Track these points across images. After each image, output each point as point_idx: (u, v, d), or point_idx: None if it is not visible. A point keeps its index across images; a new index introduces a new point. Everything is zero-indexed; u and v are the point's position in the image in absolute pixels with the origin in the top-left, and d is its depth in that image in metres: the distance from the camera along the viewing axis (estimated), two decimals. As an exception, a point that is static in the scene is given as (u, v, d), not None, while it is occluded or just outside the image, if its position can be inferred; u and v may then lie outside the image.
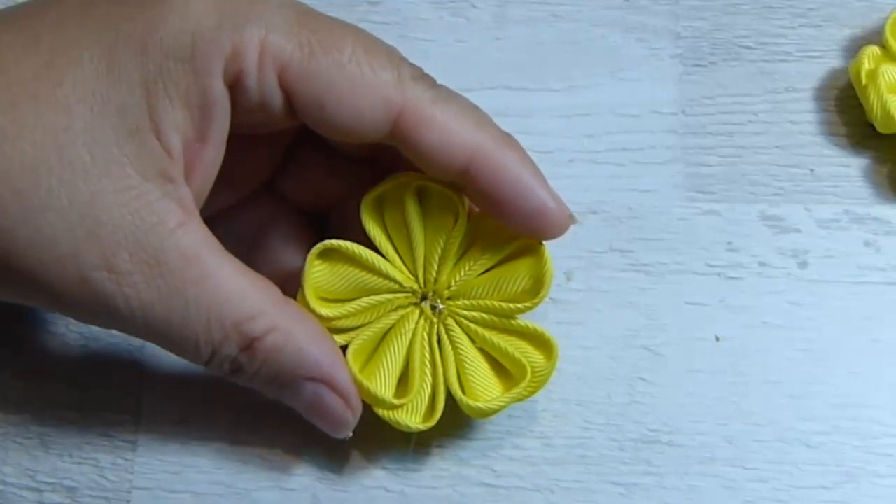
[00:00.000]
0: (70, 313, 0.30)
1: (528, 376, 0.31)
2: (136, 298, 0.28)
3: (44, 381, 0.35)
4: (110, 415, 0.35)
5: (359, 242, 0.31)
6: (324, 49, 0.28)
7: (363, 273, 0.31)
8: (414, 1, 0.39)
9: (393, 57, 0.29)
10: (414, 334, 0.32)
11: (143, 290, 0.28)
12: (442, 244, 0.31)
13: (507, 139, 0.30)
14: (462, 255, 0.32)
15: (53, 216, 0.27)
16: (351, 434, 0.32)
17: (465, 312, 0.32)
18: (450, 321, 0.32)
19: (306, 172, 0.33)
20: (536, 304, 0.31)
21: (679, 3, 0.39)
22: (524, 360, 0.31)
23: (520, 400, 0.32)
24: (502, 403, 0.31)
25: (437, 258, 0.31)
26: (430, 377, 0.32)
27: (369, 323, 0.32)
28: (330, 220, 0.34)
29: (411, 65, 0.30)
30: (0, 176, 0.27)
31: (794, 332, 0.35)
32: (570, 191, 0.32)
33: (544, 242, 0.31)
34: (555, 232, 0.30)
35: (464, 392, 0.32)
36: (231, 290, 0.29)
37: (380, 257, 0.31)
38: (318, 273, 0.31)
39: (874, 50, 0.37)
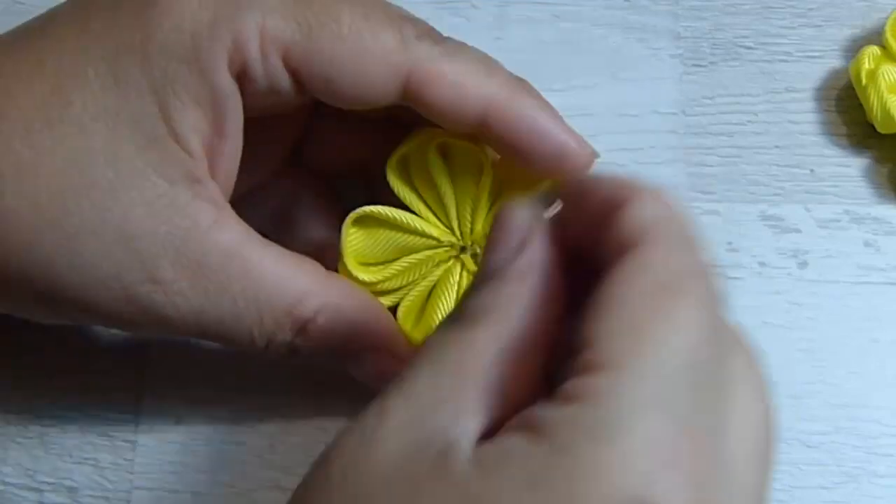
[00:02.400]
0: (120, 328, 0.30)
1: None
2: (185, 304, 0.28)
3: (44, 381, 0.35)
4: (110, 415, 0.35)
5: (391, 204, 0.31)
6: (322, 24, 0.28)
7: (400, 234, 0.31)
8: (414, 1, 0.39)
9: (393, 17, 0.29)
10: (459, 286, 0.32)
11: (190, 295, 0.28)
12: (472, 196, 0.31)
13: (520, 84, 0.30)
14: (493, 202, 0.32)
15: (89, 239, 0.27)
16: None
17: None
18: None
19: (329, 140, 0.33)
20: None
21: (679, 3, 0.39)
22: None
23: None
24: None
25: (469, 210, 0.31)
26: None
27: (414, 281, 0.32)
28: (358, 185, 0.34)
29: (414, 21, 0.30)
30: (29, 207, 0.27)
31: (794, 332, 0.35)
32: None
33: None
34: (581, 168, 0.30)
35: None
36: (276, 277, 0.29)
37: (414, 216, 0.31)
38: (354, 240, 0.31)
39: (874, 50, 0.37)
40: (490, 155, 0.31)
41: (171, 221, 0.28)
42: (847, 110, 0.38)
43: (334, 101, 0.29)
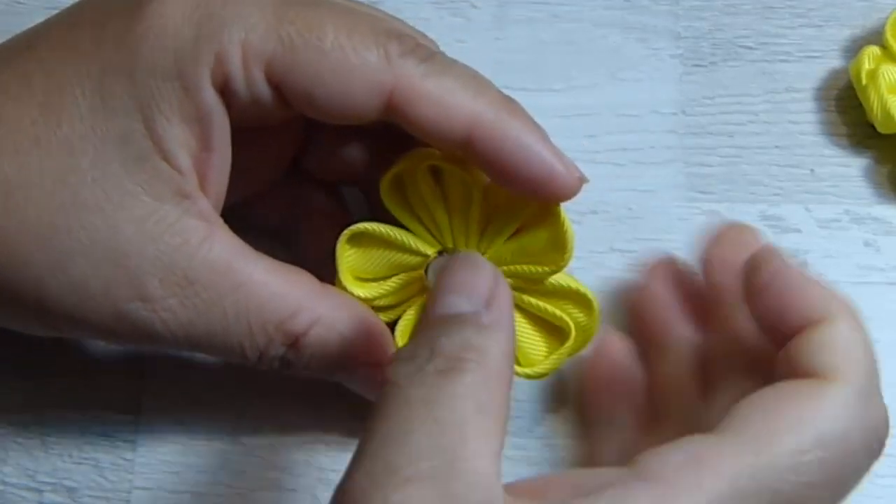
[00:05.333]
0: (112, 342, 0.30)
1: (573, 332, 0.31)
2: (174, 321, 0.28)
3: (44, 381, 0.35)
4: (110, 415, 0.35)
5: (390, 216, 0.31)
6: (304, 40, 0.28)
7: (395, 251, 0.31)
8: (415, 1, 0.39)
9: (379, 33, 0.29)
10: None
11: (179, 312, 0.28)
12: (464, 216, 0.31)
13: (508, 105, 0.29)
14: (486, 224, 0.31)
15: (78, 258, 0.28)
16: None
17: None
18: None
19: (328, 149, 0.33)
20: (562, 266, 0.31)
21: (679, 3, 0.39)
22: (565, 317, 0.31)
23: (570, 355, 0.32)
24: (554, 362, 0.31)
25: (462, 229, 0.31)
26: None
27: (411, 298, 0.32)
28: (362, 192, 0.34)
29: (402, 37, 0.29)
30: (19, 227, 0.28)
31: (794, 332, 0.35)
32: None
33: (560, 211, 0.30)
34: (566, 194, 0.29)
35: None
36: (267, 291, 0.29)
37: (408, 233, 0.31)
38: (350, 256, 0.31)
39: (874, 50, 0.37)
40: (480, 179, 0.31)
41: (160, 239, 0.28)
42: (847, 110, 0.38)
43: (317, 116, 0.29)
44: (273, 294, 0.29)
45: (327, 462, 0.34)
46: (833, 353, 0.27)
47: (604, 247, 0.36)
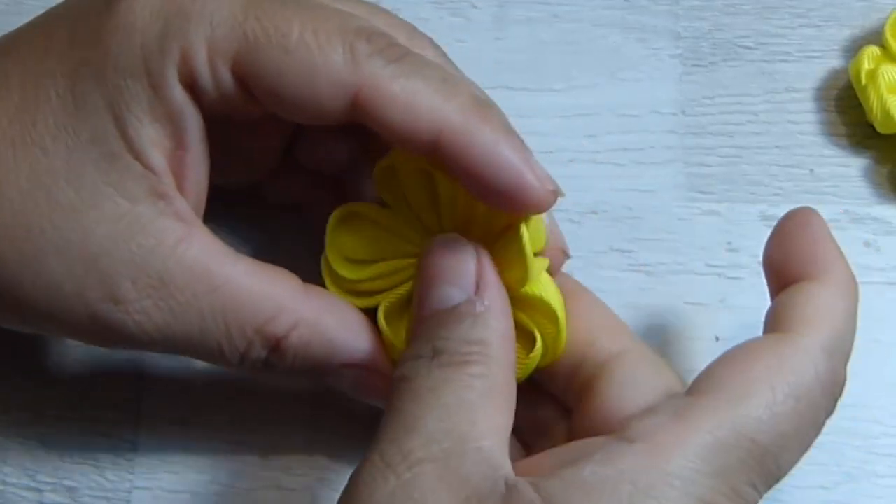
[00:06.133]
0: (91, 343, 0.30)
1: (539, 342, 0.30)
2: (149, 322, 0.28)
3: (44, 381, 0.35)
4: (110, 415, 0.35)
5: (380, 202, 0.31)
6: (269, 37, 0.27)
7: (384, 234, 0.31)
8: (415, 1, 0.39)
9: (347, 32, 0.28)
10: None
11: (154, 314, 0.28)
12: (453, 212, 0.30)
13: (481, 111, 0.28)
14: (475, 219, 0.30)
15: (52, 259, 0.27)
16: None
17: None
18: None
19: (316, 138, 0.33)
20: (523, 283, 0.29)
21: (679, 3, 0.39)
22: (532, 326, 0.30)
23: (541, 366, 0.31)
24: (520, 371, 0.30)
25: (455, 218, 0.30)
26: None
27: (399, 284, 0.31)
28: (347, 183, 0.34)
29: (372, 36, 0.28)
30: None
31: (794, 332, 0.35)
32: (570, 191, 0.32)
33: (522, 234, 0.29)
34: (537, 207, 0.28)
35: None
36: (246, 294, 0.28)
37: (399, 217, 0.31)
38: (340, 237, 0.31)
39: (874, 50, 0.37)
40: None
41: (132, 240, 0.28)
42: (847, 110, 0.38)
43: (285, 114, 0.29)
44: (252, 296, 0.28)
45: (327, 462, 0.34)
46: (809, 310, 0.28)
47: (604, 247, 0.36)
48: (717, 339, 0.35)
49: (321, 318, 0.29)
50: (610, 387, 0.29)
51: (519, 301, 0.30)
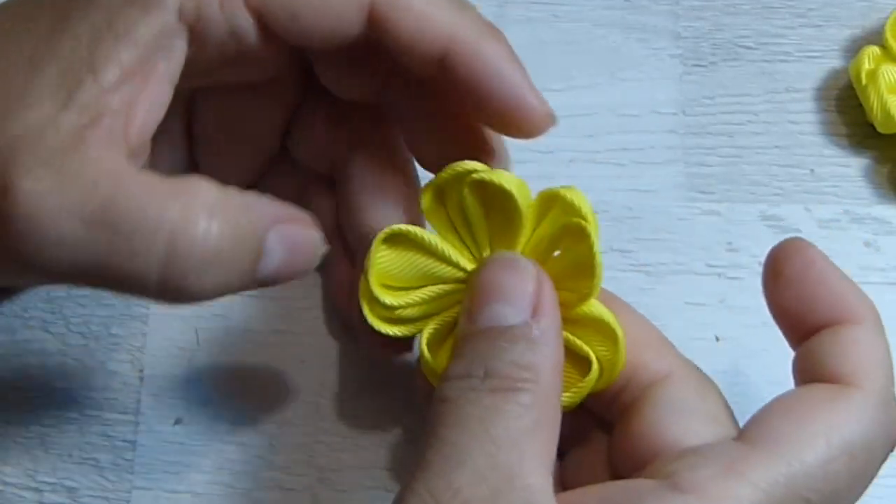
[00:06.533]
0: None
1: (595, 366, 0.29)
2: (42, 215, 0.25)
3: (44, 381, 0.35)
4: (110, 415, 0.35)
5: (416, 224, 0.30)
6: None
7: (429, 260, 0.30)
8: (414, 1, 0.39)
9: None
10: None
11: (46, 195, 0.25)
12: (506, 234, 0.29)
13: (491, 29, 0.29)
14: (529, 242, 0.30)
15: None
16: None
17: None
18: None
19: (309, 133, 0.33)
20: (588, 294, 0.29)
21: (679, 3, 0.39)
22: (589, 350, 0.29)
23: (595, 390, 0.29)
24: (574, 395, 0.29)
25: (503, 247, 0.29)
26: None
27: (438, 313, 0.30)
28: (337, 184, 0.33)
29: None
30: None
31: (794, 332, 0.35)
32: (570, 191, 0.32)
33: (590, 232, 0.28)
34: (533, 130, 0.28)
35: None
36: (152, 195, 0.26)
37: (447, 244, 0.30)
38: (383, 258, 0.30)
39: (874, 50, 0.37)
40: (525, 194, 0.29)
41: (43, 135, 0.25)
42: (847, 110, 0.38)
43: (301, 38, 0.28)
44: (156, 197, 0.26)
45: (327, 462, 0.34)
46: (858, 358, 0.27)
47: (604, 247, 0.36)
48: (717, 339, 0.35)
49: (231, 202, 0.27)
50: (654, 411, 0.28)
51: (572, 321, 0.29)
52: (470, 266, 0.30)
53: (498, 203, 0.29)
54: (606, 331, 0.29)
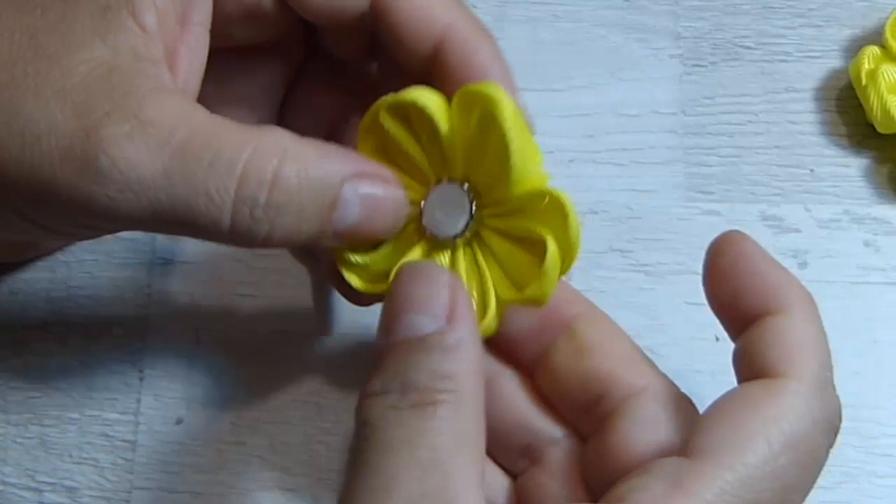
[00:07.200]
0: (62, 199, 0.27)
1: (552, 248, 0.28)
2: (124, 162, 0.26)
3: (44, 381, 0.35)
4: (110, 415, 0.35)
5: None
6: None
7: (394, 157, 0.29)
8: (414, 1, 0.39)
9: None
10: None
11: (129, 151, 0.26)
12: (439, 151, 0.29)
13: (483, 29, 0.30)
14: (464, 153, 0.29)
15: (29, 99, 0.26)
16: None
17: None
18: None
19: (307, 98, 0.33)
20: (507, 177, 0.28)
21: (679, 3, 0.39)
22: (538, 228, 0.28)
23: (562, 272, 0.29)
24: (545, 282, 0.28)
25: (439, 162, 0.29)
26: (476, 287, 0.29)
27: (405, 254, 0.30)
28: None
29: None
30: None
31: (794, 332, 0.35)
32: (570, 191, 0.32)
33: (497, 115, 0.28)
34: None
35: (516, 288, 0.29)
36: (227, 133, 0.26)
37: (409, 138, 0.29)
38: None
39: (874, 50, 0.37)
40: (446, 112, 0.29)
41: (110, 80, 0.26)
42: (847, 110, 0.38)
43: (308, 14, 0.29)
44: (235, 132, 0.26)
45: (327, 462, 0.34)
46: (787, 348, 0.27)
47: (604, 247, 0.36)
48: (717, 339, 0.35)
49: (305, 150, 0.27)
50: (626, 425, 0.28)
51: (518, 212, 0.29)
52: (419, 187, 0.29)
53: (424, 123, 0.29)
54: (554, 206, 0.28)
